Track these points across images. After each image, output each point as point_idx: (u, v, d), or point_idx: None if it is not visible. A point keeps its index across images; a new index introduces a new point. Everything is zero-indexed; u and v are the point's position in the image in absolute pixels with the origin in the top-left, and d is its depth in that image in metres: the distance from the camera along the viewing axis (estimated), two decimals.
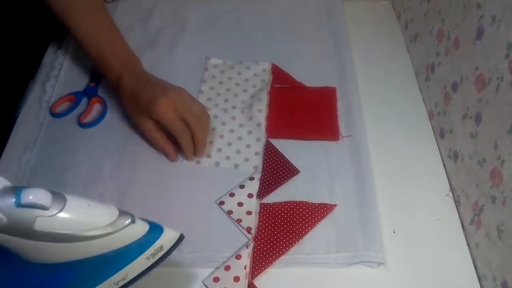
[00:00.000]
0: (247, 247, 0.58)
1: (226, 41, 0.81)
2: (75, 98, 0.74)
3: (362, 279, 0.57)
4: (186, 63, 0.80)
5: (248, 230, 0.60)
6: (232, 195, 0.63)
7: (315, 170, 0.67)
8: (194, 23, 0.87)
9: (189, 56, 0.81)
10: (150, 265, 0.48)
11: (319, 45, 0.84)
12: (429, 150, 0.70)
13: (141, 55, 0.80)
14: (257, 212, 0.62)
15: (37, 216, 0.40)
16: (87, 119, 0.72)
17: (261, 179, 0.65)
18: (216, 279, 0.56)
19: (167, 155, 0.67)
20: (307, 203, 0.62)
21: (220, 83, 0.78)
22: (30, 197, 0.39)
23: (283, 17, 0.89)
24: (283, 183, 0.65)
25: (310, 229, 0.60)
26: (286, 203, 0.63)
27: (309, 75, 0.78)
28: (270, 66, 0.79)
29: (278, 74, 0.78)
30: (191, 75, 0.78)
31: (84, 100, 0.75)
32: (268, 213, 0.61)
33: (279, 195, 0.64)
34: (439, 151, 0.70)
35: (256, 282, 0.56)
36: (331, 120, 0.72)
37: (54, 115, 0.72)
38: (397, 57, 0.84)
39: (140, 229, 0.46)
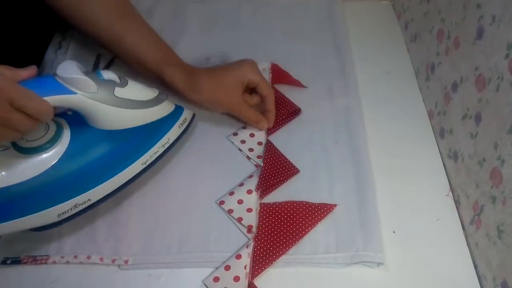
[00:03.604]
0: (247, 247, 0.58)
1: (226, 41, 0.81)
2: None
3: (362, 279, 0.57)
4: (187, 62, 0.80)
5: (249, 228, 0.60)
6: (231, 193, 0.63)
7: (315, 170, 0.67)
8: (194, 23, 0.87)
9: (189, 56, 0.80)
10: (181, 133, 0.64)
11: (319, 45, 0.84)
12: (429, 150, 0.70)
13: None
14: (257, 210, 0.62)
15: (115, 87, 0.55)
16: None
17: (260, 175, 0.65)
18: (216, 279, 0.56)
19: (262, 123, 0.69)
20: (307, 203, 0.63)
21: None
22: (107, 74, 0.55)
23: (283, 17, 0.89)
24: (283, 182, 0.65)
25: (310, 229, 0.60)
26: (286, 203, 0.63)
27: (309, 75, 0.78)
28: (270, 66, 0.79)
29: (277, 74, 0.78)
30: None
31: None
32: (268, 213, 0.61)
33: (279, 195, 0.64)
34: (439, 151, 0.70)
35: (256, 282, 0.56)
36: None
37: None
38: (397, 57, 0.84)
39: (171, 105, 0.63)
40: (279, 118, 0.72)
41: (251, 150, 0.68)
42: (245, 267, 0.57)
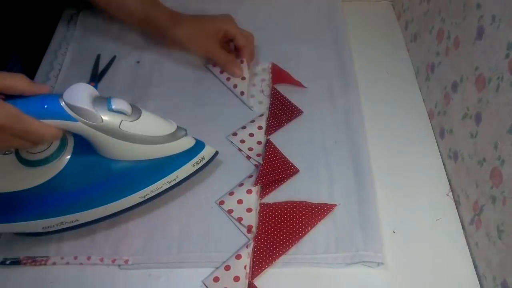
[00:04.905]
0: (247, 247, 0.58)
1: None
2: None
3: (362, 279, 0.57)
4: (186, 63, 0.80)
5: (249, 228, 0.60)
6: (231, 194, 0.63)
7: (315, 170, 0.67)
8: None
9: (189, 56, 0.81)
10: (194, 171, 0.60)
11: (319, 45, 0.84)
12: (429, 150, 0.70)
13: (142, 54, 0.81)
14: (257, 210, 0.62)
15: (122, 120, 0.52)
16: None
17: (259, 171, 0.64)
18: (216, 279, 0.56)
19: (234, 65, 0.75)
20: (306, 203, 0.62)
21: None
22: (118, 104, 0.51)
23: (283, 17, 0.89)
24: (282, 182, 0.65)
25: (310, 229, 0.60)
26: (286, 203, 0.63)
27: (309, 75, 0.78)
28: (270, 66, 0.79)
29: (277, 74, 0.78)
30: (191, 75, 0.79)
31: None
32: (268, 213, 0.61)
33: (278, 195, 0.64)
34: (439, 151, 0.70)
35: (256, 282, 0.56)
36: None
37: None
38: (397, 57, 0.84)
39: (189, 141, 0.59)
40: (280, 119, 0.72)
41: (250, 149, 0.68)
42: (245, 267, 0.57)
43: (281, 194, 0.64)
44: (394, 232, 0.62)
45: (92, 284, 0.57)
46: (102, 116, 0.50)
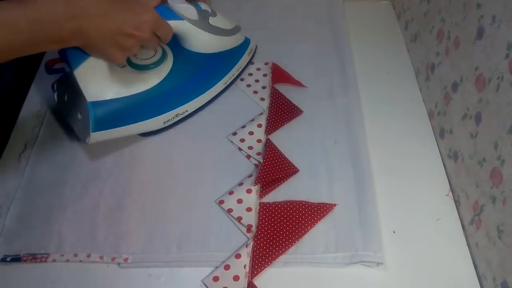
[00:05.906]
0: (246, 247, 0.58)
1: None
2: None
3: (361, 279, 0.57)
4: None
5: (249, 227, 0.60)
6: (231, 193, 0.63)
7: (314, 170, 0.67)
8: None
9: None
10: (248, 61, 0.78)
11: (319, 45, 0.84)
12: (429, 150, 0.70)
13: None
14: (256, 210, 0.62)
15: (209, 16, 0.67)
16: None
17: (259, 170, 0.64)
18: (216, 278, 0.56)
19: None
20: (306, 202, 0.62)
21: None
22: (204, 6, 0.67)
23: (283, 17, 0.89)
24: (282, 181, 0.65)
25: (310, 229, 0.60)
26: (285, 202, 0.63)
27: (309, 74, 0.78)
28: (270, 65, 0.79)
29: (278, 74, 0.78)
30: None
31: None
32: (267, 213, 0.61)
33: (278, 195, 0.64)
34: (439, 151, 0.70)
35: (256, 281, 0.56)
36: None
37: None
38: (397, 57, 0.84)
39: (242, 36, 0.76)
40: (280, 118, 0.72)
41: (250, 148, 0.68)
42: (244, 267, 0.57)
43: (281, 193, 0.64)
44: (394, 232, 0.62)
45: (92, 284, 0.57)
46: (198, 14, 0.64)
